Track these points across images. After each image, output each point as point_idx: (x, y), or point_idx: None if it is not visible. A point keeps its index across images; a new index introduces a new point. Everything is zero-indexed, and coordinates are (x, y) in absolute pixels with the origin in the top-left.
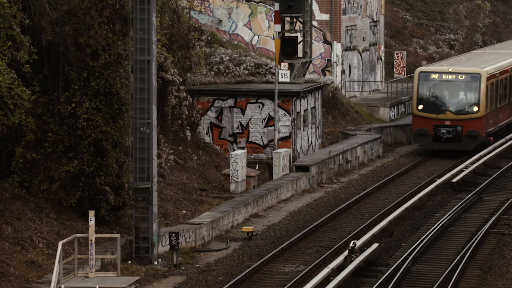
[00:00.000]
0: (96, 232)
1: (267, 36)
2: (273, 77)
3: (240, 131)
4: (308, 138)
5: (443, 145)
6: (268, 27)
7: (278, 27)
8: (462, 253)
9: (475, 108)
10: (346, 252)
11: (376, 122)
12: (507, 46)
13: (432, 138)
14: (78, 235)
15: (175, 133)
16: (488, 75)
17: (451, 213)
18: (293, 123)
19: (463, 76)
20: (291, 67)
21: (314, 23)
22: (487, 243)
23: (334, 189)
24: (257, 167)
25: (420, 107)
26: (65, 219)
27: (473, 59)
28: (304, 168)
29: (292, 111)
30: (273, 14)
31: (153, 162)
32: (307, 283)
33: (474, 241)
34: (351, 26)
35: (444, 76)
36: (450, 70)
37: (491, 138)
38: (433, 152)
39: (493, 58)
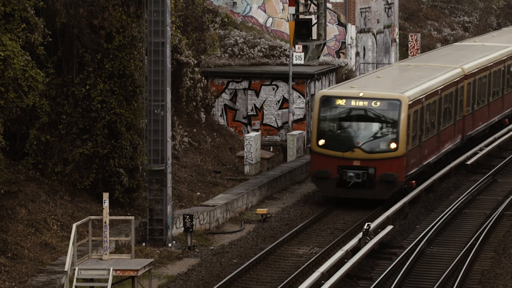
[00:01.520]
0: (110, 214)
1: (281, 18)
2: (288, 59)
3: (254, 113)
4: None
5: (350, 192)
6: (282, 9)
7: (292, 9)
8: (476, 235)
9: (393, 145)
10: (360, 234)
11: None
12: (436, 57)
13: (337, 183)
14: (92, 217)
15: (189, 115)
16: (410, 101)
17: (465, 195)
18: (307, 105)
19: (378, 103)
20: (305, 49)
21: (329, 5)
22: (501, 225)
23: None
24: (271, 149)
25: (322, 142)
26: (79, 201)
27: (393, 78)
28: None
29: (307, 93)
30: None
31: (167, 144)
32: (322, 265)
33: (488, 223)
34: (366, 8)
35: (353, 103)
36: (361, 94)
37: (413, 182)
38: (338, 200)
39: (418, 76)
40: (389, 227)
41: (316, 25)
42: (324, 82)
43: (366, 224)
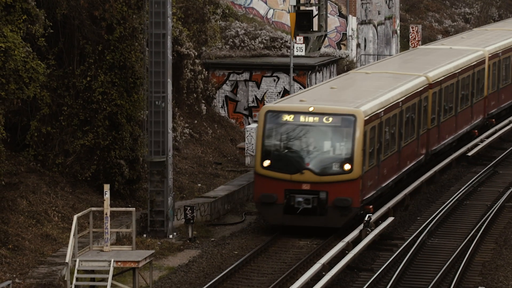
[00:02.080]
0: (111, 205)
1: (282, 10)
2: (288, 50)
3: (255, 104)
4: None
5: (299, 219)
6: (283, 1)
7: (293, 1)
8: (477, 226)
9: (347, 166)
10: (361, 226)
11: None
12: (399, 64)
13: (284, 209)
14: (93, 208)
15: (190, 106)
16: (367, 116)
17: (466, 186)
18: None
19: (330, 119)
20: (306, 40)
21: None
22: (502, 216)
23: None
24: None
25: (267, 163)
26: (80, 193)
27: (349, 89)
28: None
29: (308, 84)
30: None
31: (168, 136)
32: (322, 256)
33: (489, 215)
34: None
35: (302, 118)
36: (311, 109)
37: (371, 207)
38: (284, 228)
39: (377, 86)
40: (390, 219)
41: (317, 16)
42: (325, 74)
43: (367, 215)
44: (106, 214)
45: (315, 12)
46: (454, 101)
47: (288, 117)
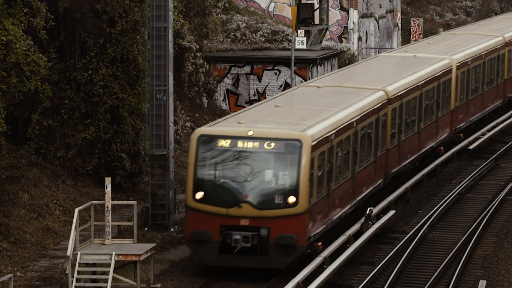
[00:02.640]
0: (112, 199)
1: (283, 3)
2: (290, 44)
3: (257, 98)
4: None
5: (236, 259)
6: None
7: None
8: (478, 220)
9: (291, 199)
10: (362, 219)
11: None
12: (355, 76)
13: (219, 248)
14: (95, 202)
15: (192, 100)
16: (315, 141)
17: (467, 180)
18: None
19: (272, 144)
20: (307, 34)
21: None
22: (503, 210)
23: None
24: None
25: (200, 195)
26: (81, 186)
27: (296, 108)
28: None
29: (309, 78)
30: None
31: (169, 129)
32: (324, 249)
33: (490, 208)
34: None
35: (240, 144)
36: (250, 133)
37: (320, 244)
38: (220, 270)
39: (329, 104)
40: (391, 212)
41: (318, 9)
42: (326, 67)
43: (368, 209)
44: (107, 207)
45: (316, 6)
46: (417, 116)
47: (224, 143)
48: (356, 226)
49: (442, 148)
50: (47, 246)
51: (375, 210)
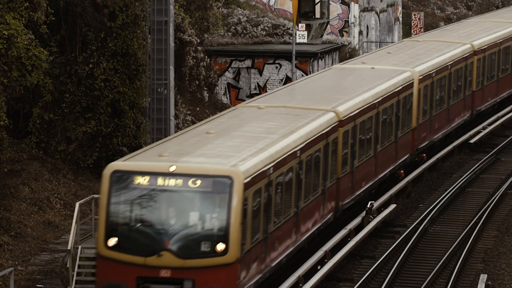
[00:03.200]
0: None
1: None
2: (291, 38)
3: (258, 92)
4: None
5: None
6: None
7: None
8: (479, 214)
9: (220, 246)
10: (363, 213)
11: None
12: (302, 93)
13: None
14: (95, 195)
15: (193, 93)
16: (248, 178)
17: (468, 174)
18: None
19: (198, 182)
20: (308, 28)
21: None
22: (504, 203)
23: None
24: None
25: (113, 241)
26: (82, 180)
27: (229, 135)
28: None
29: (310, 72)
30: None
31: (170, 123)
32: (325, 243)
33: (491, 202)
34: None
35: (160, 181)
36: (172, 169)
37: None
38: None
39: (268, 130)
40: (392, 206)
41: (319, 3)
42: (327, 61)
43: (369, 202)
44: None
45: None
46: (373, 138)
47: (141, 180)
48: (357, 220)
49: (402, 171)
50: (48, 240)
51: (376, 204)
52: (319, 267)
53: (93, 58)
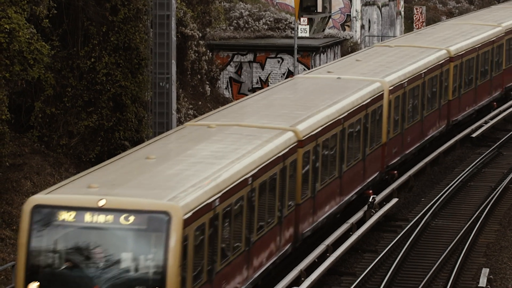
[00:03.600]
0: None
1: None
2: (293, 32)
3: (260, 86)
4: None
5: None
6: None
7: None
8: (481, 208)
9: None
10: (365, 207)
11: None
12: (255, 111)
13: None
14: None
15: (195, 88)
16: (189, 213)
17: (470, 168)
18: None
19: (131, 219)
20: (310, 22)
21: None
22: (506, 198)
23: None
24: None
25: (34, 287)
26: None
27: (171, 161)
28: None
29: (312, 66)
30: None
31: (172, 117)
32: (327, 237)
33: (493, 196)
34: None
35: (88, 217)
36: (101, 203)
37: None
38: None
39: (214, 153)
40: (394, 200)
41: None
42: (329, 55)
43: (371, 196)
44: None
45: None
46: (337, 158)
47: (66, 216)
48: (359, 214)
49: (370, 191)
50: None
51: (378, 198)
52: (316, 260)
53: (95, 52)
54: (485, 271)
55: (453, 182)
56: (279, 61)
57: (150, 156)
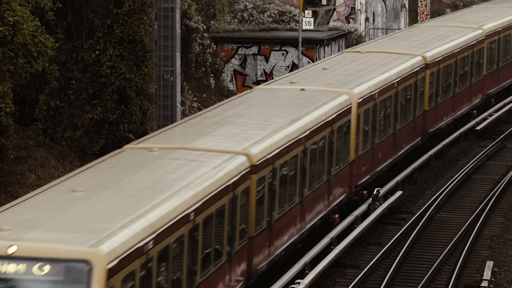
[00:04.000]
0: None
1: None
2: (297, 24)
3: (264, 78)
4: None
5: None
6: None
7: None
8: (485, 200)
9: None
10: (370, 200)
11: None
12: (208, 128)
13: None
14: None
15: (199, 80)
16: (113, 261)
17: (474, 160)
18: None
19: (46, 268)
20: (315, 14)
21: None
22: (510, 190)
23: None
24: None
25: None
26: None
27: (98, 194)
28: None
29: (316, 58)
30: None
31: (176, 110)
32: (331, 230)
33: (497, 189)
34: None
35: None
36: (12, 250)
37: None
38: None
39: (152, 185)
40: (399, 193)
41: None
42: (334, 48)
43: (376, 189)
44: None
45: None
46: (298, 181)
47: None
48: (364, 207)
49: (337, 216)
50: None
51: (382, 191)
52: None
53: (99, 45)
54: (490, 264)
55: (458, 175)
56: (283, 54)
57: (77, 189)
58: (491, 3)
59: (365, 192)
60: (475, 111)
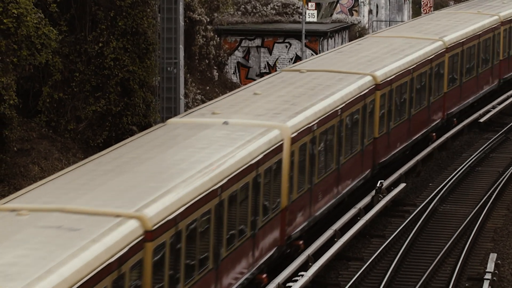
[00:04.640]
0: None
1: None
2: (300, 17)
3: (267, 70)
4: None
5: None
6: None
7: None
8: (489, 193)
9: None
10: (373, 192)
11: None
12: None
13: None
14: None
15: (202, 72)
16: None
17: (478, 153)
18: None
19: None
20: (318, 7)
21: None
22: None
23: None
24: None
25: None
26: None
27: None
28: None
29: (319, 51)
30: None
31: (180, 102)
32: (334, 223)
33: (501, 181)
34: None
35: None
36: None
37: None
38: None
39: (65, 243)
40: (402, 185)
41: None
42: (337, 40)
43: (379, 182)
44: None
45: None
46: (212, 243)
47: None
48: (367, 199)
49: (264, 276)
50: None
51: (386, 183)
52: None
53: (102, 37)
54: (493, 256)
55: (461, 167)
56: (287, 46)
57: (21, 213)
58: (454, 8)
59: (301, 242)
60: (434, 134)
